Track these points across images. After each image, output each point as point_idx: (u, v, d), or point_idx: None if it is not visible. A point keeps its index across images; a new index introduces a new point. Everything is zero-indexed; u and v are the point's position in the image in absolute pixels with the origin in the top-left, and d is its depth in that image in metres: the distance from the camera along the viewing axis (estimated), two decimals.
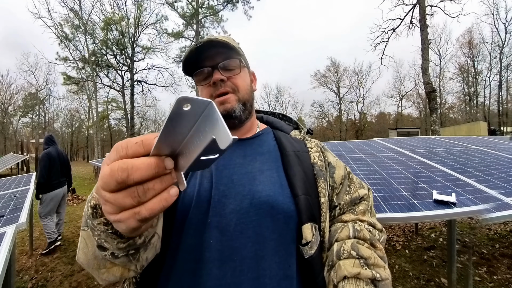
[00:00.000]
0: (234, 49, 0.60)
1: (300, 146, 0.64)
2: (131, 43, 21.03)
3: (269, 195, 0.52)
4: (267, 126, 0.73)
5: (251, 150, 0.62)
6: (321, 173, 0.59)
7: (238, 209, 0.50)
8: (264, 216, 0.50)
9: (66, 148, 38.43)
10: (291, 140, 0.65)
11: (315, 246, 0.51)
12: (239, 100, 0.61)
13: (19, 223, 1.52)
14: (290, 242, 0.51)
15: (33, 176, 3.06)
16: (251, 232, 0.49)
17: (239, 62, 0.62)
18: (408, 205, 1.32)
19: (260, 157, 0.60)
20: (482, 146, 3.01)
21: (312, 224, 0.51)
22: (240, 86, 0.62)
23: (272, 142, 0.65)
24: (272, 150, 0.63)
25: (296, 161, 0.58)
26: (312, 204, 0.53)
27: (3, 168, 10.06)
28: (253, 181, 0.54)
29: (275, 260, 0.48)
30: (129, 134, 19.79)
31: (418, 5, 10.71)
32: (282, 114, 0.79)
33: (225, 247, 0.47)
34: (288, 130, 0.71)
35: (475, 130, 11.78)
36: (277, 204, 0.51)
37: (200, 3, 18.40)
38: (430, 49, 11.72)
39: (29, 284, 2.59)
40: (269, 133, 0.69)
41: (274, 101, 36.42)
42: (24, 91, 28.99)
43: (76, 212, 5.55)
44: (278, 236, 0.50)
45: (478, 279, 2.32)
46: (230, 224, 0.49)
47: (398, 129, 20.61)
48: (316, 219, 0.53)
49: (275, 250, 0.49)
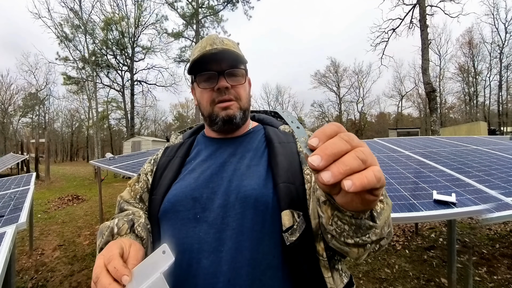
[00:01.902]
0: (240, 57, 0.63)
1: (286, 137, 0.65)
2: (131, 43, 21.04)
3: (254, 188, 0.54)
4: (258, 124, 0.76)
5: (241, 148, 0.65)
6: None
7: (225, 203, 0.53)
8: (248, 208, 0.52)
9: (66, 148, 38.46)
10: (278, 134, 0.67)
11: (297, 233, 0.49)
12: (241, 109, 0.65)
13: (19, 223, 1.52)
14: (273, 232, 0.51)
15: (33, 176, 3.06)
16: (236, 224, 0.51)
17: (244, 72, 0.66)
18: (408, 205, 1.32)
19: (248, 154, 0.63)
20: (482, 146, 3.01)
21: (293, 211, 0.51)
22: (242, 96, 0.65)
23: (261, 138, 0.68)
24: (260, 146, 0.65)
25: (280, 151, 0.60)
26: (295, 191, 0.53)
27: (3, 168, 10.05)
28: (240, 177, 0.57)
29: (258, 250, 0.50)
30: (129, 134, 19.78)
31: (418, 5, 10.72)
32: (274, 111, 0.82)
33: (212, 239, 0.51)
34: (278, 125, 0.72)
35: (475, 130, 11.77)
36: (261, 196, 0.53)
37: (200, 3, 18.40)
38: (430, 49, 11.73)
39: (29, 284, 2.59)
40: (259, 130, 0.72)
41: (274, 101, 36.45)
42: (24, 91, 29.05)
43: (76, 212, 5.56)
44: (261, 227, 0.51)
45: (478, 279, 2.32)
46: (218, 218, 0.52)
47: (398, 129, 20.59)
48: (298, 206, 0.52)
49: (259, 240, 0.50)
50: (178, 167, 0.64)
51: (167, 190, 0.59)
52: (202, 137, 0.73)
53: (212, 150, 0.66)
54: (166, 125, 40.81)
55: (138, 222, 0.57)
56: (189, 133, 0.78)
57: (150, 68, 22.61)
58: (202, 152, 0.67)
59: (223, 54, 0.60)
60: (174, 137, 0.78)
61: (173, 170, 0.63)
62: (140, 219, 0.59)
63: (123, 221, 0.56)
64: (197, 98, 0.68)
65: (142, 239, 0.55)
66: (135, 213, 0.62)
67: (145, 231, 0.57)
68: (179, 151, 0.69)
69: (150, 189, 0.65)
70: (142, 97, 24.73)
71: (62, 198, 7.09)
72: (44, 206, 6.25)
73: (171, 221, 0.55)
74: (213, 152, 0.65)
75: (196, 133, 0.78)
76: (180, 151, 0.69)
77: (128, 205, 0.67)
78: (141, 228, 0.57)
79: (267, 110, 0.84)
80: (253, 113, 0.81)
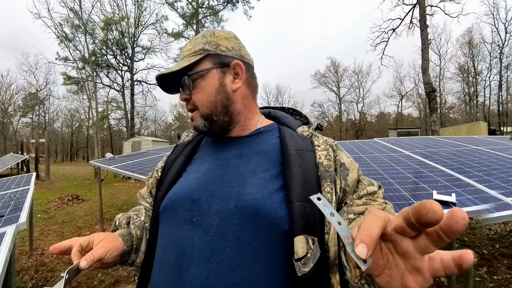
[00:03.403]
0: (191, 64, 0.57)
1: (305, 144, 0.57)
2: (131, 43, 21.02)
3: (256, 198, 0.48)
4: (273, 122, 0.67)
5: (248, 150, 0.59)
6: (327, 174, 0.52)
7: (222, 210, 0.49)
8: (247, 220, 0.47)
9: (66, 148, 38.45)
10: (296, 138, 0.58)
11: (311, 263, 0.43)
12: (202, 116, 0.60)
13: (19, 223, 1.52)
14: (274, 253, 0.46)
15: (33, 176, 3.06)
16: (232, 235, 0.47)
17: (196, 76, 0.58)
18: (408, 205, 1.32)
19: (255, 157, 0.57)
20: (482, 146, 3.01)
21: (308, 237, 0.44)
22: (199, 103, 0.59)
23: (274, 140, 0.61)
24: (271, 149, 0.58)
25: (297, 162, 0.52)
26: (311, 213, 0.46)
27: (3, 168, 10.06)
28: (243, 183, 0.52)
29: (252, 271, 0.44)
30: (129, 134, 19.78)
31: (418, 5, 10.71)
32: (293, 108, 0.74)
33: (205, 247, 0.47)
34: (295, 126, 0.65)
35: (475, 130, 11.76)
36: (263, 209, 0.47)
37: (200, 3, 18.40)
38: (430, 49, 11.72)
39: (29, 284, 2.59)
40: (272, 129, 0.64)
41: (274, 101, 36.42)
42: (24, 91, 29.07)
43: (76, 212, 5.56)
44: (259, 245, 0.46)
45: (478, 279, 2.32)
46: (213, 224, 0.48)
47: (398, 129, 20.57)
48: (315, 230, 0.46)
49: (255, 259, 0.45)
50: (183, 165, 0.63)
51: (170, 187, 0.59)
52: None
53: (217, 149, 0.62)
54: (166, 125, 40.84)
55: (134, 220, 0.62)
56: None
57: (150, 68, 22.57)
58: (208, 151, 0.64)
59: (173, 75, 0.59)
60: (186, 135, 0.76)
61: (177, 167, 0.62)
62: (138, 218, 0.64)
63: (124, 216, 0.63)
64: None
65: (132, 236, 0.59)
66: (139, 210, 0.67)
67: (140, 229, 0.62)
68: (186, 148, 0.67)
69: (157, 185, 0.65)
70: (142, 97, 24.69)
71: (62, 198, 7.08)
72: (44, 206, 6.25)
73: (170, 219, 0.55)
74: (218, 151, 0.62)
75: None
76: (187, 149, 0.67)
77: (143, 200, 0.71)
78: (135, 226, 0.61)
79: (284, 106, 0.75)
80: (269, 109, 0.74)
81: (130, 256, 0.59)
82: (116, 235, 0.56)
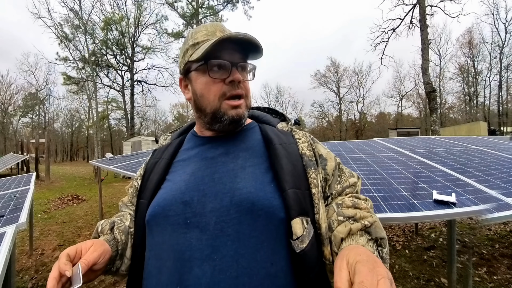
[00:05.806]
0: (261, 52, 0.59)
1: (287, 138, 0.62)
2: (131, 43, 21.02)
3: (250, 191, 0.51)
4: (252, 121, 0.70)
5: (234, 147, 0.60)
6: (311, 163, 0.58)
7: (218, 207, 0.50)
8: (245, 213, 0.49)
9: (66, 148, 38.44)
10: (277, 133, 0.62)
11: (307, 239, 0.48)
12: (247, 107, 0.61)
13: (19, 223, 1.52)
14: (274, 239, 0.49)
15: (33, 176, 3.06)
16: (231, 230, 0.48)
17: (254, 67, 0.62)
18: (408, 205, 1.32)
19: (243, 154, 0.59)
20: (482, 146, 3.01)
21: (303, 218, 0.49)
22: (249, 92, 0.61)
23: (257, 136, 0.63)
24: (256, 145, 0.61)
25: (283, 154, 0.56)
26: (302, 197, 0.52)
27: (3, 168, 10.06)
28: (234, 179, 0.53)
29: (255, 258, 0.47)
30: (129, 134, 19.77)
31: (418, 5, 10.71)
32: (268, 107, 0.78)
33: (205, 246, 0.47)
34: (275, 123, 0.68)
35: (475, 130, 11.76)
36: (258, 201, 0.50)
37: (200, 3, 18.41)
38: (430, 49, 11.72)
39: (29, 284, 2.59)
40: (254, 127, 0.67)
41: (274, 101, 36.43)
42: (24, 91, 29.00)
43: (76, 212, 5.56)
44: (259, 234, 0.48)
45: (478, 280, 2.32)
46: (210, 223, 0.49)
47: (398, 129, 20.57)
48: (307, 212, 0.51)
49: (256, 248, 0.47)
50: (164, 170, 0.61)
51: (154, 193, 0.57)
52: (191, 136, 0.69)
53: (202, 149, 0.62)
54: (166, 125, 40.80)
55: (118, 225, 0.61)
56: (178, 133, 0.74)
57: (150, 68, 22.61)
58: (191, 152, 0.63)
59: (249, 44, 0.55)
60: (163, 139, 0.74)
61: (158, 173, 0.60)
62: (122, 223, 0.62)
63: (107, 222, 0.61)
64: (197, 91, 0.59)
65: (117, 241, 0.59)
66: (124, 216, 0.66)
67: (125, 234, 0.61)
68: (166, 152, 0.66)
69: (138, 193, 0.63)
70: (142, 97, 24.76)
71: (62, 198, 7.08)
72: (44, 206, 6.25)
73: (161, 226, 0.52)
74: (203, 151, 0.61)
75: (185, 132, 0.73)
76: (167, 152, 0.65)
77: (126, 208, 0.70)
78: (120, 231, 0.60)
79: (260, 106, 0.78)
80: None
81: (115, 263, 0.57)
82: (102, 240, 0.55)
